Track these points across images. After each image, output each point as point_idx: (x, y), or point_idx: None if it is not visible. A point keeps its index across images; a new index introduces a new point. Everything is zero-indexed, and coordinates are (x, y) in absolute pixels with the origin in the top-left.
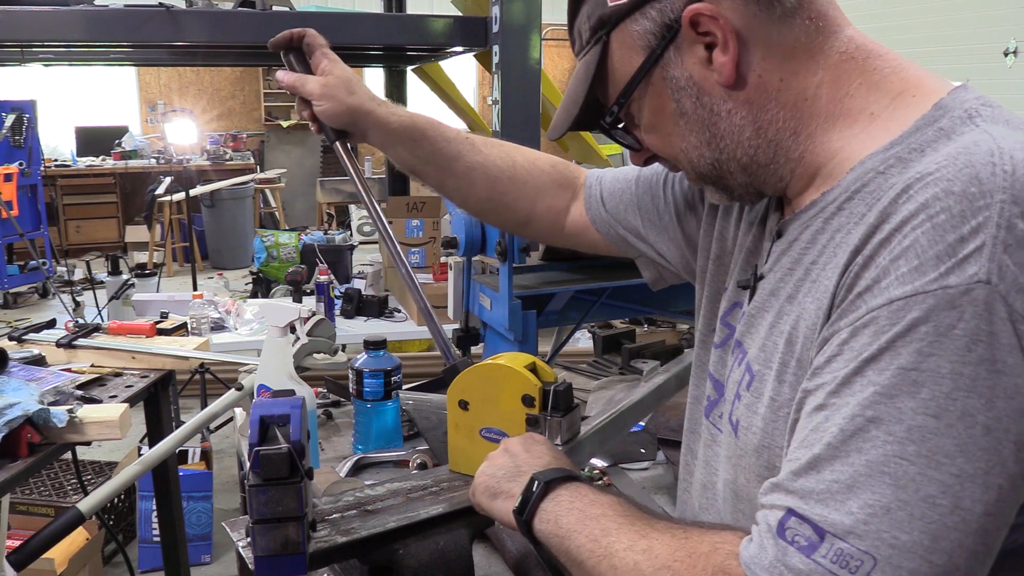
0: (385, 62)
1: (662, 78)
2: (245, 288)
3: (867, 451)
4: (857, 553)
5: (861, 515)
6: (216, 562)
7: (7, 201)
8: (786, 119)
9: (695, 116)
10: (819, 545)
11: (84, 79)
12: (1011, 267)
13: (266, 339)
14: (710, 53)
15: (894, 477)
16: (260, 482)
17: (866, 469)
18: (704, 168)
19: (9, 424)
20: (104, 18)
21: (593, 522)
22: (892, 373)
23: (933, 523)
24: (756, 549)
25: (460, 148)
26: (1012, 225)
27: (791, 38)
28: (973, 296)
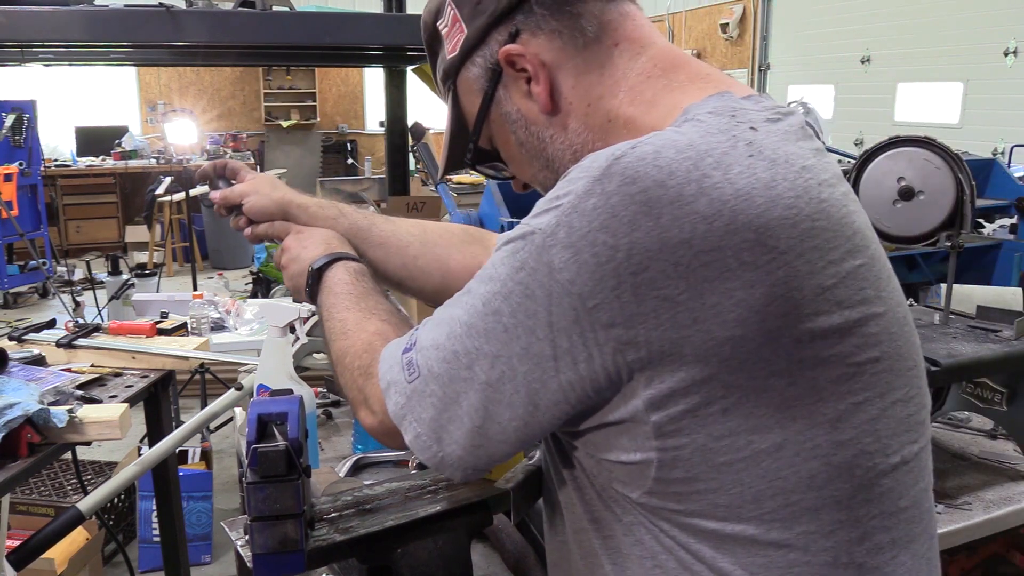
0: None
1: (499, 114)
2: (245, 288)
3: (452, 305)
4: (416, 364)
5: (427, 343)
6: (216, 562)
7: (7, 201)
8: (595, 141)
9: (529, 144)
10: (408, 349)
11: (84, 79)
12: (565, 226)
13: (266, 339)
14: (529, 86)
15: (450, 330)
16: (258, 479)
17: (446, 316)
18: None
19: (9, 424)
20: (104, 18)
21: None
22: (489, 265)
23: (453, 369)
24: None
25: (374, 219)
26: (588, 194)
27: (596, 64)
28: (534, 238)
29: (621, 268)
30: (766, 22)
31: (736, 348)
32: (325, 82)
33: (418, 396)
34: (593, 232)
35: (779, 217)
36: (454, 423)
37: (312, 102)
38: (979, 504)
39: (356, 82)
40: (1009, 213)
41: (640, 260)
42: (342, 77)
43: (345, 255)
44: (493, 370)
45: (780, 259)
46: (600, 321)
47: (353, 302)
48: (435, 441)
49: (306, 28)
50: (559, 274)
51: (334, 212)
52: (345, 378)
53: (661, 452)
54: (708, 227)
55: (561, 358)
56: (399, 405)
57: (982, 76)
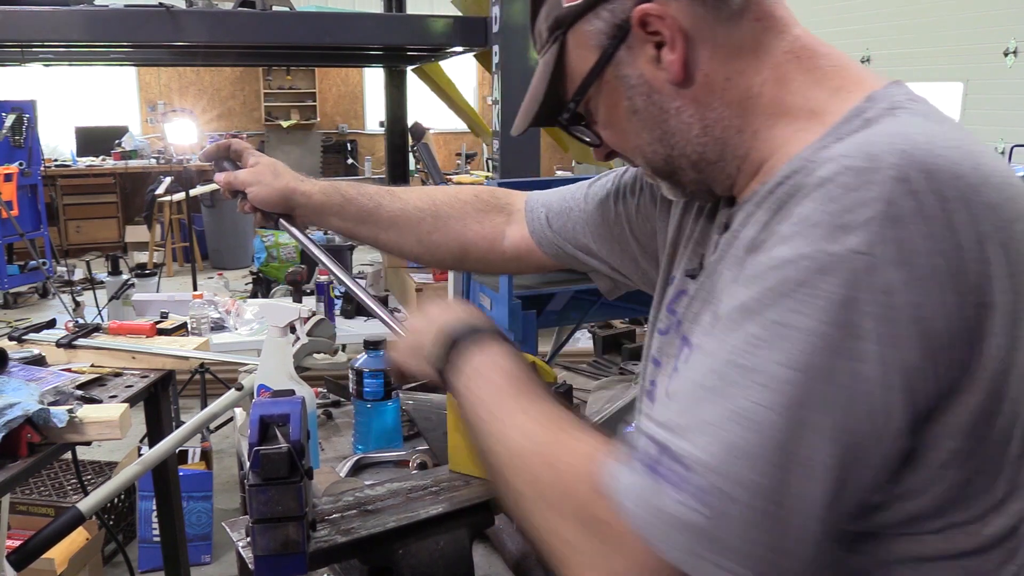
0: (385, 62)
1: (615, 76)
2: (245, 288)
3: (731, 396)
4: (714, 489)
5: (722, 454)
6: (216, 562)
7: (7, 201)
8: (731, 117)
9: (647, 113)
10: (686, 477)
11: (84, 79)
12: (887, 241)
13: (266, 339)
14: (659, 52)
15: (747, 422)
16: (260, 482)
17: (730, 413)
18: (658, 164)
19: (9, 424)
20: (104, 18)
21: (491, 387)
22: (762, 324)
23: (779, 467)
24: (628, 476)
25: (380, 200)
26: (894, 201)
27: (737, 37)
28: (848, 264)
29: (958, 275)
30: None
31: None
32: (325, 82)
33: (728, 526)
34: (923, 240)
35: None
36: (796, 531)
37: (312, 102)
38: None
39: (356, 82)
40: None
41: (969, 262)
42: (342, 77)
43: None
44: (836, 444)
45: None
46: (943, 342)
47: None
48: (774, 565)
49: (306, 28)
50: (898, 296)
51: (339, 199)
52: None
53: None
54: (997, 215)
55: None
56: (691, 551)
57: (982, 76)
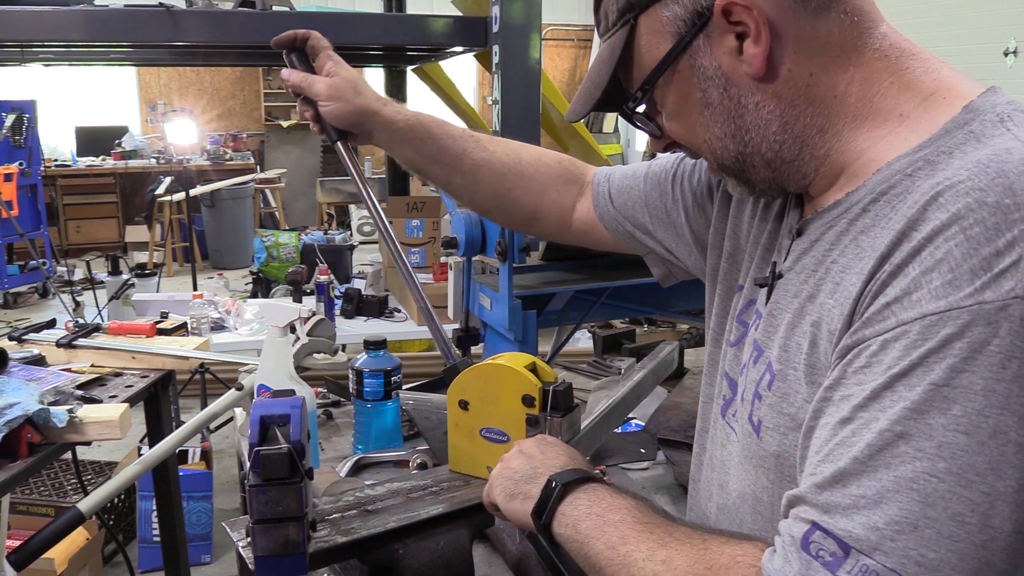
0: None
1: (690, 66)
2: (245, 288)
3: (895, 467)
4: (883, 571)
5: (888, 531)
6: (216, 562)
7: (7, 201)
8: (814, 115)
9: (721, 107)
10: (844, 561)
11: (84, 79)
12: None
13: (266, 339)
14: (741, 43)
15: (923, 494)
16: (260, 482)
17: (894, 485)
18: (727, 160)
19: (9, 424)
20: (104, 18)
21: (611, 528)
22: (923, 389)
23: (961, 542)
24: (780, 563)
25: (465, 145)
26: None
27: (824, 33)
28: (1009, 312)
29: None
30: None
31: None
32: None
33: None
34: None
35: None
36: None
37: None
38: None
39: None
40: None
41: None
42: None
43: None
44: (1019, 511)
45: None
46: None
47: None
48: None
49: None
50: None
51: (421, 132)
52: None
53: None
54: None
55: None
56: None
57: (982, 76)
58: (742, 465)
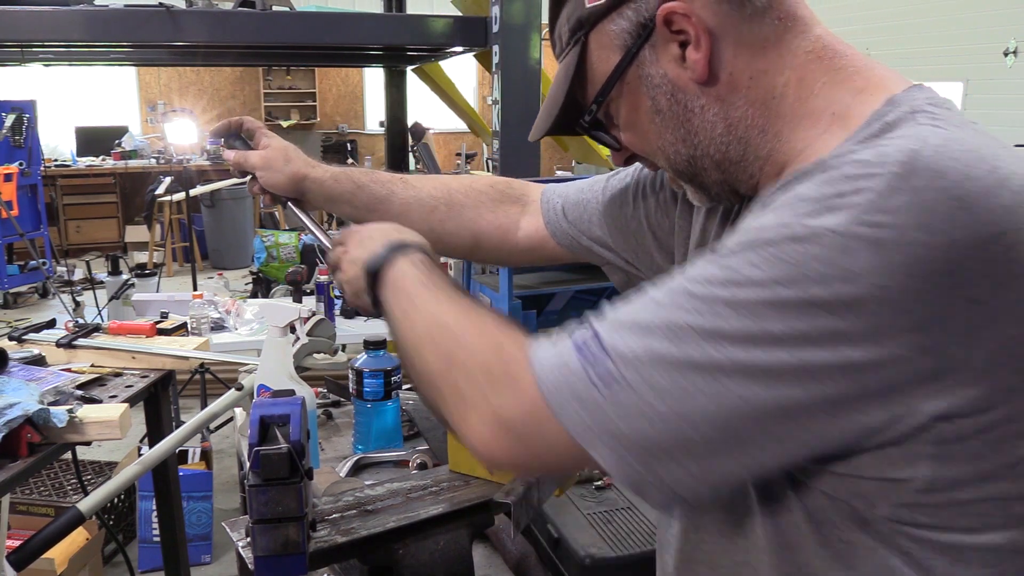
0: (385, 62)
1: (638, 76)
2: (245, 288)
3: (671, 311)
4: (620, 377)
5: (636, 351)
6: (216, 562)
7: (7, 201)
8: (755, 116)
9: (670, 113)
10: (602, 360)
11: (84, 79)
12: (867, 225)
13: (266, 339)
14: (684, 51)
15: (680, 338)
16: (260, 482)
17: (664, 323)
18: (680, 165)
19: (9, 424)
20: (104, 18)
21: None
22: (725, 268)
23: (687, 382)
24: (550, 347)
25: (392, 188)
26: (889, 192)
27: (761, 36)
28: (821, 239)
29: (935, 269)
30: None
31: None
32: (325, 82)
33: (623, 412)
34: (907, 230)
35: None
36: (680, 446)
37: (312, 102)
38: None
39: (356, 82)
40: None
41: (956, 259)
42: (342, 77)
43: (409, 243)
44: (751, 386)
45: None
46: (899, 326)
47: (444, 297)
48: (645, 466)
49: (306, 28)
50: (861, 279)
51: (350, 186)
52: (453, 384)
53: (936, 460)
54: (1013, 219)
55: (845, 371)
56: (586, 423)
57: (982, 76)
58: None
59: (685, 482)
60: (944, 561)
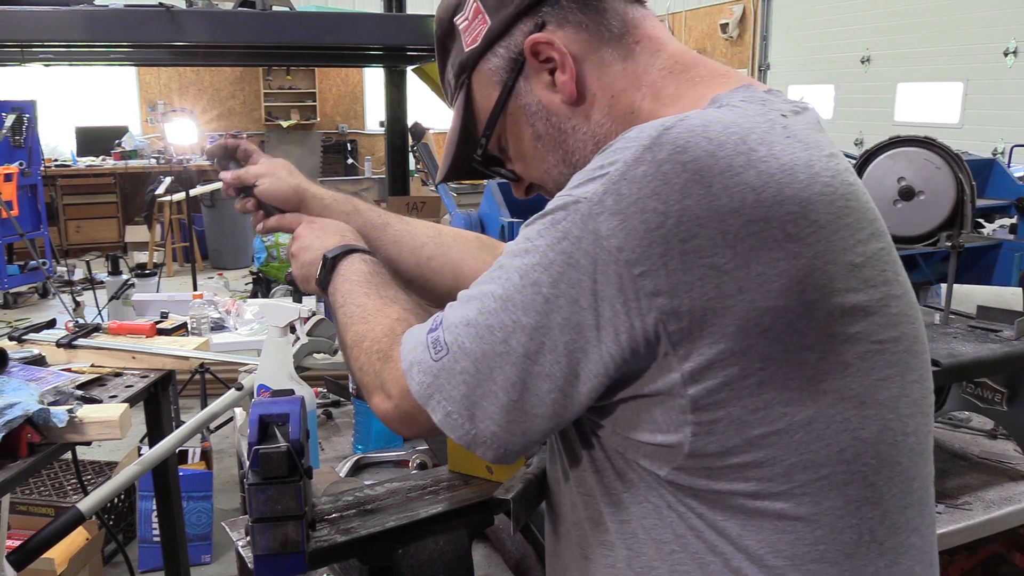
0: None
1: (517, 107)
2: (245, 288)
3: (483, 283)
4: (443, 342)
5: (456, 320)
6: (216, 562)
7: (7, 201)
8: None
9: (548, 137)
10: (438, 333)
11: (84, 79)
12: (611, 193)
13: (266, 339)
14: (553, 77)
15: (482, 306)
16: (259, 481)
17: (476, 295)
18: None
19: (9, 424)
20: (104, 18)
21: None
22: (522, 239)
23: (487, 344)
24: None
25: (388, 220)
26: (635, 162)
27: (619, 57)
28: (578, 207)
29: (670, 235)
30: (766, 22)
31: (775, 319)
32: (325, 82)
33: (447, 374)
34: (643, 199)
35: (818, 193)
36: (488, 399)
37: (312, 102)
38: (979, 504)
39: (356, 82)
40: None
41: (690, 227)
42: (342, 77)
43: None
44: (532, 342)
45: (819, 233)
46: (645, 289)
47: (372, 290)
48: (468, 419)
49: (306, 28)
50: (606, 241)
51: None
52: (360, 362)
53: (696, 425)
54: (757, 197)
55: (604, 328)
56: (424, 385)
57: (982, 76)
58: None
59: (499, 435)
60: (735, 525)
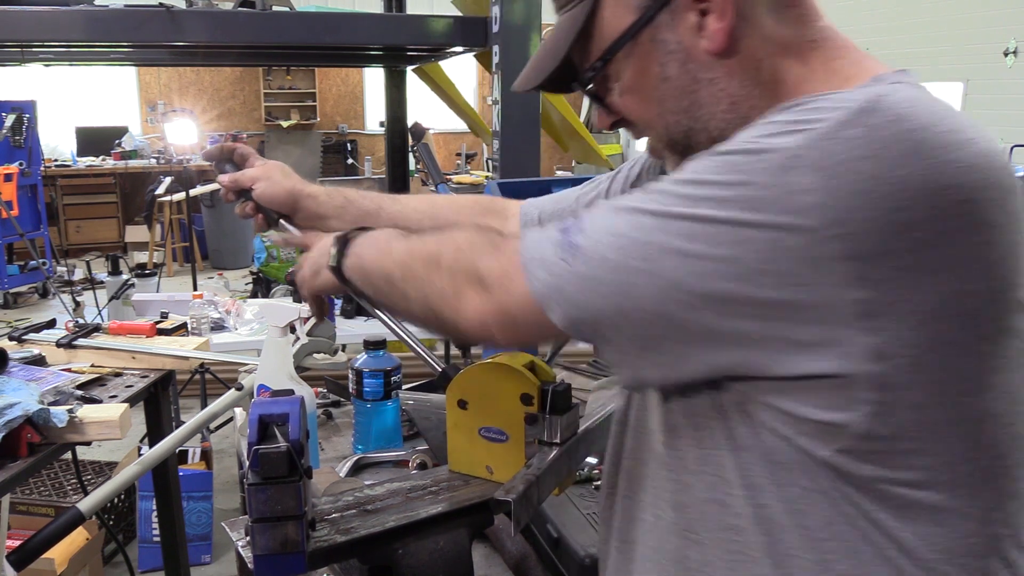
0: (385, 62)
1: (651, 40)
2: (245, 288)
3: (640, 200)
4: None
5: (600, 227)
6: (216, 562)
7: (7, 201)
8: (759, 97)
9: (678, 81)
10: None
11: (84, 79)
12: (816, 148)
13: (266, 339)
14: (703, 19)
15: (635, 221)
16: (259, 481)
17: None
18: (677, 136)
19: (9, 424)
20: (104, 18)
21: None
22: (689, 171)
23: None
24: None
25: (381, 203)
26: (847, 123)
27: (776, 20)
28: (770, 156)
29: (880, 202)
30: None
31: (965, 304)
32: (325, 82)
33: (578, 279)
34: (854, 160)
35: (1012, 184)
36: (621, 317)
37: (312, 102)
38: None
39: (356, 82)
40: None
41: (903, 198)
42: (342, 77)
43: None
44: (684, 270)
45: (1014, 223)
46: (838, 252)
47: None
48: (593, 330)
49: (306, 28)
50: (801, 196)
51: (340, 200)
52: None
53: (876, 405)
54: (968, 178)
55: (779, 277)
56: (545, 283)
57: (982, 76)
58: None
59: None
60: (889, 515)
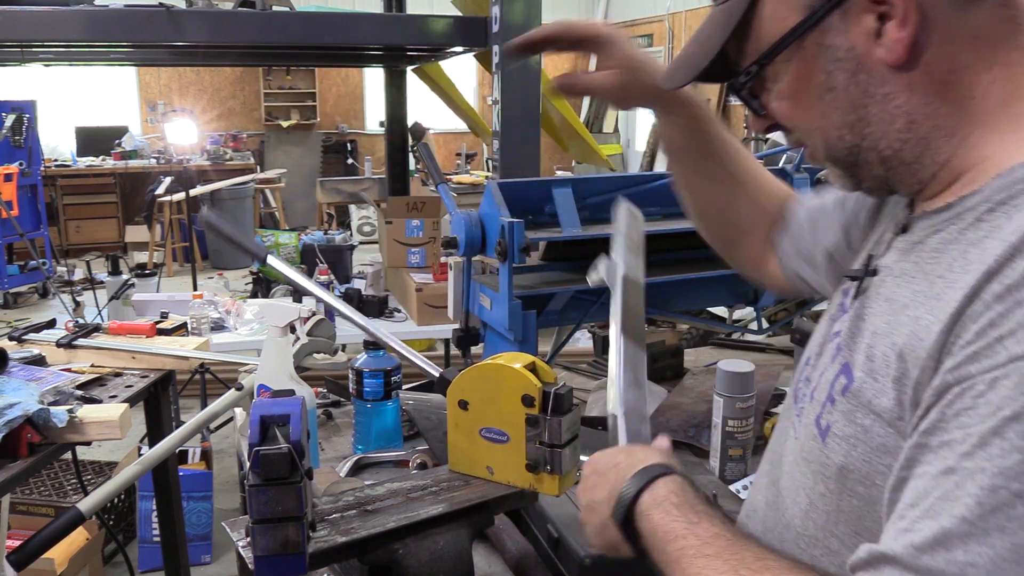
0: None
1: (817, 44)
2: (245, 288)
3: (1012, 532)
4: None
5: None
6: (216, 562)
7: (7, 201)
8: (945, 116)
9: (845, 93)
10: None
11: (84, 79)
12: None
13: (266, 339)
14: (880, 25)
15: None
16: (260, 482)
17: (1011, 555)
18: (839, 152)
19: (9, 424)
20: (104, 18)
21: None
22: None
23: None
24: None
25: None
26: None
27: (974, 24)
28: None
29: None
30: None
31: None
32: (325, 82)
33: None
34: None
35: None
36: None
37: (312, 102)
38: None
39: (356, 82)
40: None
41: None
42: (342, 77)
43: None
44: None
45: None
46: None
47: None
48: None
49: (306, 28)
50: None
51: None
52: None
53: None
54: None
55: None
56: None
57: None
58: (797, 466)
59: None
60: None
